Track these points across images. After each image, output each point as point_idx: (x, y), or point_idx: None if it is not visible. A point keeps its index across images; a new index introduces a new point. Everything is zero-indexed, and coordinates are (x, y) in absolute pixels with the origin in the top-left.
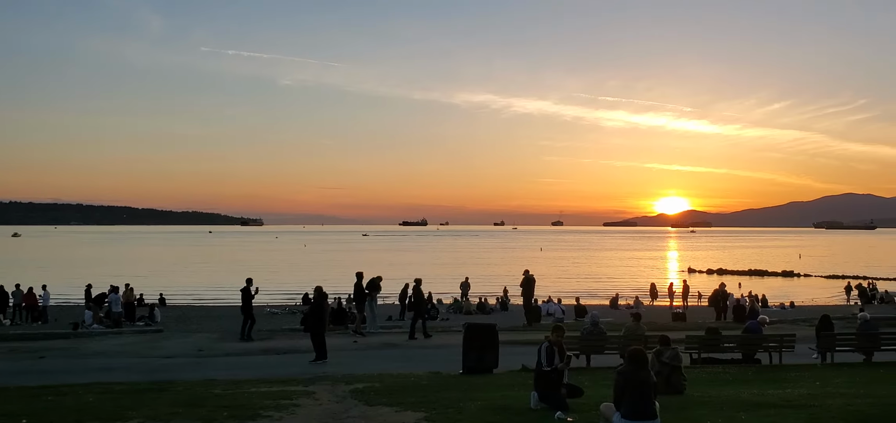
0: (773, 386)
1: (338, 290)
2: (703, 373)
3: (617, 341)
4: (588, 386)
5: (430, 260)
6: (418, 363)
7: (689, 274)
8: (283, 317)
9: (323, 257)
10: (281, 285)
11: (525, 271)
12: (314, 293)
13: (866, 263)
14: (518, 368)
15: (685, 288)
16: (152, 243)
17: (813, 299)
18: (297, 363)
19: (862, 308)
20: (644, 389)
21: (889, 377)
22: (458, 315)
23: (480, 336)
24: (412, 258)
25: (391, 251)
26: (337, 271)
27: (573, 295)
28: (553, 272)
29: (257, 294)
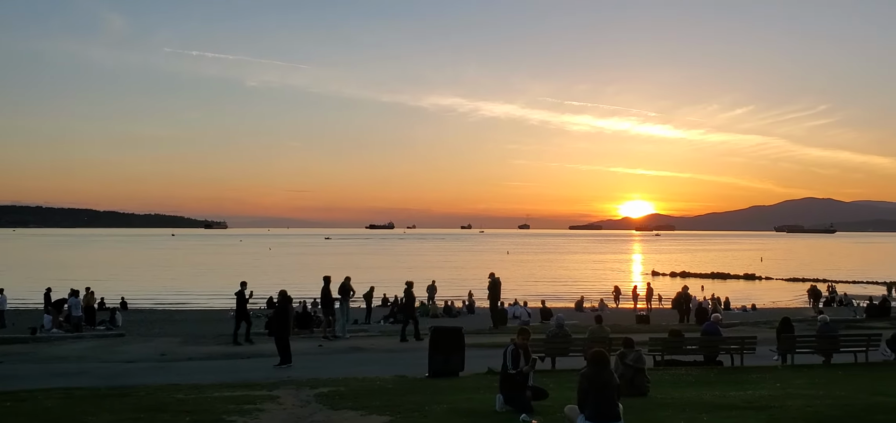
0: (734, 388)
1: (303, 294)
2: (666, 375)
3: (581, 344)
4: (553, 388)
5: (395, 263)
6: (384, 367)
7: (653, 277)
8: None
9: (288, 261)
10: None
11: (490, 274)
12: (279, 297)
13: (826, 266)
14: (484, 371)
15: (649, 291)
16: (114, 246)
17: (774, 301)
18: (261, 367)
19: (821, 311)
20: (607, 390)
21: (847, 378)
22: (425, 318)
23: (446, 339)
24: (376, 262)
25: (355, 255)
26: (302, 274)
27: (539, 298)
28: (519, 275)
29: (252, 298)
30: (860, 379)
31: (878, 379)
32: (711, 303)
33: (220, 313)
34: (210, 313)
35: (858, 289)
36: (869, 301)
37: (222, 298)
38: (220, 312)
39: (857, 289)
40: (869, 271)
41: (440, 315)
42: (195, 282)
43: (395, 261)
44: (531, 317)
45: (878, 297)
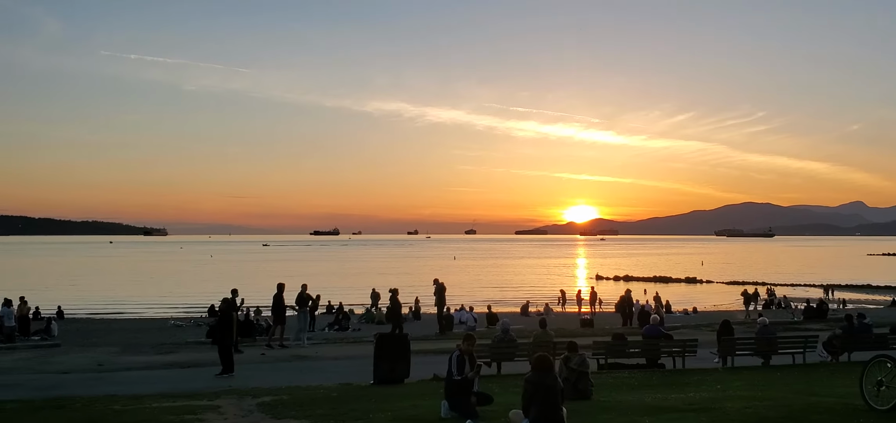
0: (675, 390)
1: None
2: (609, 378)
3: (527, 348)
4: (498, 394)
5: (337, 270)
6: (328, 375)
7: (597, 281)
8: (189, 329)
9: (229, 268)
10: (186, 297)
11: (435, 280)
12: (221, 305)
13: (765, 269)
14: (430, 377)
15: (593, 295)
16: (50, 253)
17: (715, 304)
18: (202, 376)
19: (761, 313)
20: (551, 395)
21: (785, 379)
22: (370, 325)
23: (392, 346)
24: (317, 268)
25: (297, 261)
26: (243, 282)
27: (485, 303)
28: (466, 281)
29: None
30: (798, 380)
31: (815, 380)
32: (654, 303)
33: (161, 322)
34: (150, 322)
35: (796, 292)
36: (806, 304)
37: (162, 306)
38: (160, 320)
39: (795, 292)
40: (806, 274)
41: (386, 322)
42: (134, 290)
43: (339, 268)
44: (477, 322)
45: (815, 300)
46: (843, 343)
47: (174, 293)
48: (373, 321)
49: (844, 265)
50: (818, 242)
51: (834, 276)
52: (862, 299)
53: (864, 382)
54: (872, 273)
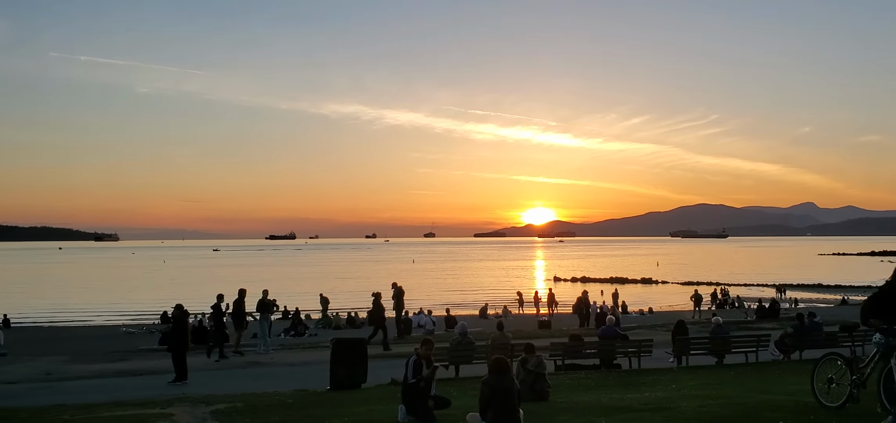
0: (631, 390)
1: (198, 308)
2: (566, 379)
3: (485, 351)
4: (456, 396)
5: (292, 275)
6: (284, 381)
7: (555, 283)
8: (141, 337)
9: (182, 274)
10: (138, 304)
11: (393, 283)
12: (174, 311)
13: (719, 270)
14: (387, 382)
15: (550, 296)
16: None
17: (670, 305)
18: (154, 384)
19: (715, 313)
20: (508, 397)
21: (739, 378)
22: (327, 330)
23: (349, 351)
24: (272, 273)
25: (252, 266)
26: (197, 288)
27: (444, 306)
28: (425, 284)
29: (228, 311)
30: (750, 379)
31: (767, 378)
32: (611, 301)
33: (112, 330)
34: (100, 330)
35: (750, 292)
36: (759, 303)
37: (113, 313)
38: (111, 328)
39: (748, 292)
40: (759, 274)
41: (343, 326)
42: (84, 297)
43: (294, 272)
44: (436, 325)
45: (767, 299)
46: (795, 342)
47: (126, 300)
48: (330, 326)
49: (796, 265)
50: (770, 242)
51: (786, 276)
52: (813, 299)
53: (815, 379)
54: (823, 273)
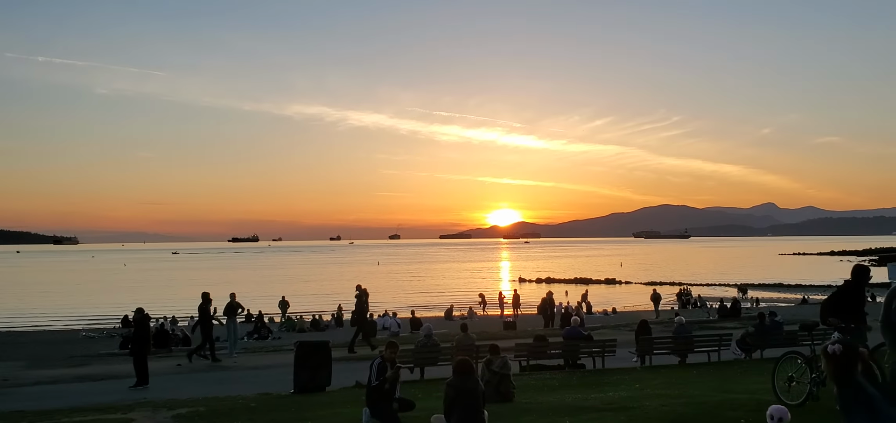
0: (595, 390)
1: (160, 312)
2: (531, 380)
3: (450, 352)
4: (421, 398)
5: (252, 278)
6: (247, 385)
7: (520, 284)
8: (101, 341)
9: (143, 277)
10: (98, 308)
11: (357, 285)
12: (136, 315)
13: (682, 270)
14: (352, 384)
15: (515, 297)
16: None
17: (633, 305)
18: (115, 389)
19: (678, 313)
20: (472, 398)
21: (701, 377)
22: (291, 333)
23: (312, 354)
24: (232, 276)
25: (208, 269)
26: (159, 291)
27: (409, 308)
28: (390, 286)
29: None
30: (712, 378)
31: (729, 377)
32: (583, 304)
33: (71, 334)
34: (59, 334)
35: (712, 292)
36: (721, 303)
37: (73, 318)
38: (70, 332)
39: (710, 292)
40: (721, 274)
41: (307, 329)
42: (43, 301)
43: (257, 275)
44: (401, 327)
45: (729, 299)
46: (756, 341)
47: (86, 304)
48: (293, 329)
49: (757, 265)
50: (732, 242)
51: (747, 276)
52: (774, 298)
53: (776, 378)
54: (784, 273)
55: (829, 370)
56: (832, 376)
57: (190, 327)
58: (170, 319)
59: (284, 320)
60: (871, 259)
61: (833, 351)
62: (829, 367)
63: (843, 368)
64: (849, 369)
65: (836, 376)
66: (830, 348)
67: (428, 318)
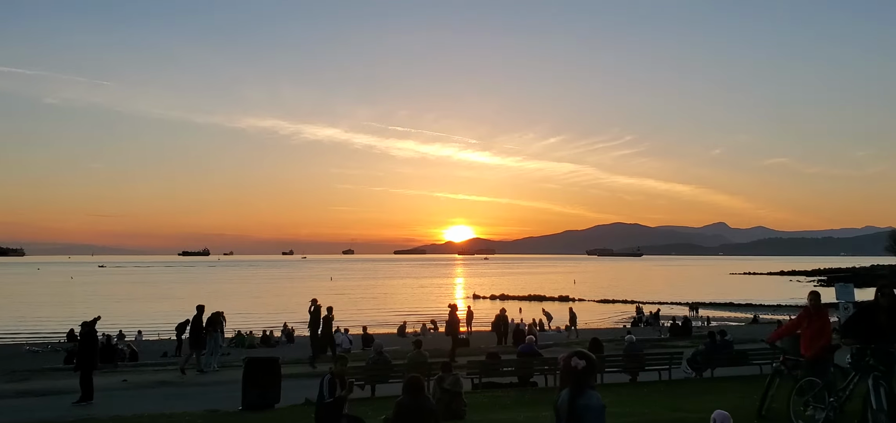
0: (547, 408)
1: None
2: (483, 397)
3: (402, 369)
4: (371, 416)
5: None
6: (194, 401)
7: (474, 300)
8: (45, 355)
9: (92, 290)
10: (42, 322)
11: (312, 300)
12: (82, 328)
13: (634, 288)
14: (301, 402)
15: (469, 314)
16: None
17: (586, 322)
18: (59, 405)
19: (629, 331)
20: (422, 417)
21: (651, 395)
22: (240, 349)
23: (262, 370)
24: (183, 291)
25: (162, 283)
26: (107, 304)
27: (361, 324)
28: (343, 302)
29: None
30: (663, 396)
31: (679, 396)
32: (530, 326)
33: (13, 348)
34: (2, 349)
35: (664, 310)
36: (672, 321)
37: (16, 331)
38: (13, 346)
39: (662, 310)
40: (673, 292)
41: (257, 345)
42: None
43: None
44: (353, 344)
45: (681, 317)
46: (706, 359)
47: (30, 318)
48: (243, 345)
49: (708, 284)
50: (683, 261)
51: (699, 294)
52: (725, 317)
53: (792, 403)
54: (734, 292)
55: (568, 380)
56: (569, 385)
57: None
58: (117, 333)
59: (234, 335)
60: (820, 280)
61: (575, 365)
62: (569, 378)
63: (581, 380)
64: (586, 381)
65: (573, 386)
66: (573, 361)
67: (380, 334)
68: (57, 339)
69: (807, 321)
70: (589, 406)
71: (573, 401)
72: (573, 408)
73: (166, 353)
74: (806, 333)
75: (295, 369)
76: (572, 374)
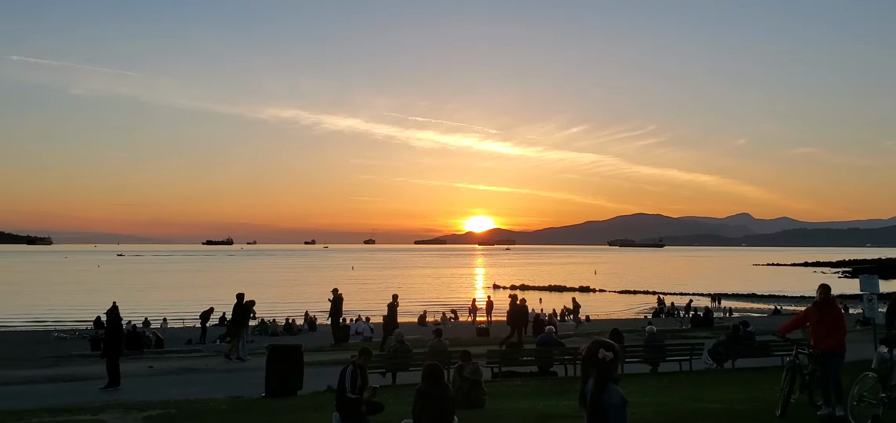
0: (566, 397)
1: (133, 313)
2: (503, 386)
3: (422, 358)
4: (392, 403)
5: (220, 280)
6: (219, 387)
7: (494, 290)
8: (73, 341)
9: (117, 278)
10: (70, 309)
11: (333, 289)
12: (108, 315)
13: (656, 279)
14: (323, 389)
15: (489, 304)
16: None
17: (607, 313)
18: (86, 390)
19: (650, 322)
20: (441, 404)
21: (672, 386)
22: (263, 337)
23: (285, 358)
24: (207, 279)
25: (186, 272)
26: (132, 292)
27: (382, 314)
28: (364, 291)
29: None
30: (683, 387)
31: (700, 387)
32: (550, 313)
33: (43, 334)
34: (31, 335)
35: (685, 301)
36: (694, 312)
37: (45, 318)
38: (42, 333)
39: (684, 300)
40: (695, 283)
41: (280, 333)
42: (15, 301)
43: (228, 277)
44: (374, 333)
45: (702, 308)
46: (728, 351)
47: (58, 305)
48: (266, 333)
49: (731, 275)
50: (706, 252)
51: (721, 285)
52: (747, 308)
53: (849, 398)
54: (757, 283)
55: (597, 372)
56: (596, 376)
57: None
58: (143, 321)
59: (258, 322)
60: (844, 271)
61: (603, 357)
62: (593, 368)
63: (606, 372)
64: (610, 374)
65: (597, 378)
66: (601, 353)
67: (401, 323)
68: (84, 326)
69: (817, 315)
70: (610, 403)
71: (596, 396)
72: (596, 403)
73: (191, 340)
74: (817, 327)
75: (317, 356)
76: (599, 366)
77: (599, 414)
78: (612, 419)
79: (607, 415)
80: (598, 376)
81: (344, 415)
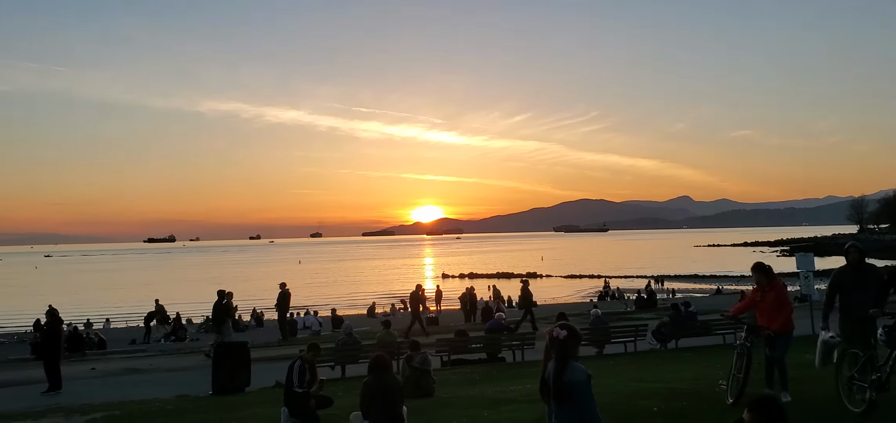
0: (515, 383)
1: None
2: (452, 374)
3: (371, 350)
4: (342, 396)
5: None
6: (164, 388)
7: (443, 279)
8: (12, 346)
9: (56, 280)
10: (7, 313)
11: (281, 284)
12: (47, 317)
13: (600, 262)
14: (271, 385)
15: (438, 293)
16: None
17: (553, 298)
18: (26, 395)
19: (595, 305)
20: (389, 394)
21: (617, 368)
22: (209, 335)
23: (231, 355)
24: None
25: (127, 271)
26: (72, 294)
27: (330, 307)
28: (312, 285)
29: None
30: (628, 367)
31: (644, 367)
32: (496, 302)
33: None
34: None
35: (629, 283)
36: (638, 294)
37: None
38: None
39: (628, 283)
40: (638, 266)
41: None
42: None
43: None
44: (322, 326)
45: (645, 290)
46: (671, 331)
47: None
48: (212, 331)
49: (673, 257)
50: (649, 235)
51: (663, 267)
52: (690, 289)
53: (839, 379)
54: (699, 264)
55: (556, 352)
56: (555, 357)
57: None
58: (85, 322)
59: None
60: (782, 250)
61: (557, 335)
62: (553, 349)
63: (565, 350)
64: (569, 352)
65: (558, 357)
66: (555, 331)
67: (349, 316)
68: (23, 329)
69: (761, 294)
70: (575, 382)
71: (559, 377)
72: (560, 385)
73: (135, 340)
74: (761, 305)
75: (265, 352)
76: (556, 345)
77: (564, 395)
78: (580, 397)
79: (573, 394)
80: (557, 355)
81: (292, 410)
